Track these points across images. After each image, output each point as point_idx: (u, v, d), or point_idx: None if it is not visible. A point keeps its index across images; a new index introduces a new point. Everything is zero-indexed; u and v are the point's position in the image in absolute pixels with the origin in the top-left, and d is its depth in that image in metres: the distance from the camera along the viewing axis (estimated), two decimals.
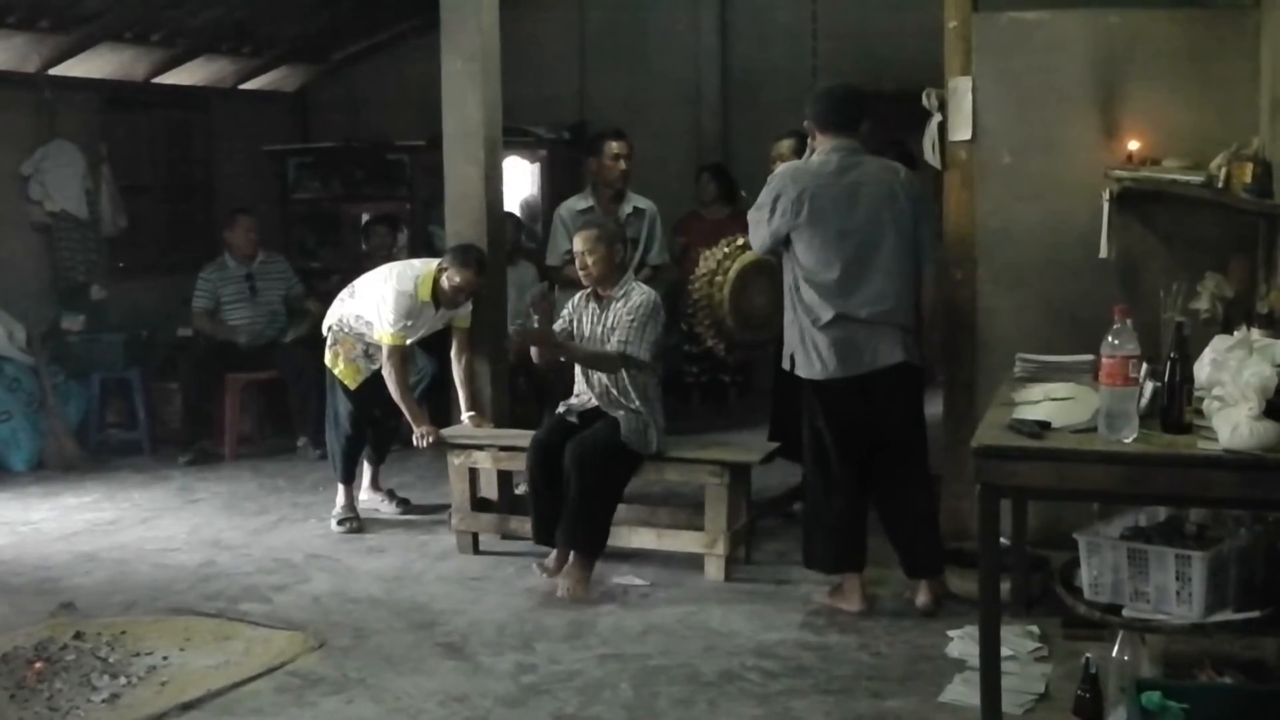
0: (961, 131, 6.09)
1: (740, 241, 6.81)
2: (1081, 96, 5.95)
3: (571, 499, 6.02)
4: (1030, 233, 6.05)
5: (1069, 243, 5.94)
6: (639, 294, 6.27)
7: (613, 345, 6.16)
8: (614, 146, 7.51)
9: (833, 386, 5.56)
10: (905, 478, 5.66)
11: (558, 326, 6.34)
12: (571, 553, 6.08)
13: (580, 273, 6.25)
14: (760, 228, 5.63)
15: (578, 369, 6.38)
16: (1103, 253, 5.68)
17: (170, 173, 10.97)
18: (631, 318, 6.16)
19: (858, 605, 5.72)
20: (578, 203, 7.63)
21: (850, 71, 10.23)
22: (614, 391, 6.24)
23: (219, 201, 11.02)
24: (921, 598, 5.72)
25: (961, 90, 6.05)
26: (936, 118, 6.27)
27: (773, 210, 5.54)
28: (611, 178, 7.52)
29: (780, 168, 5.70)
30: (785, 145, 7.14)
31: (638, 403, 6.21)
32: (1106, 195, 5.66)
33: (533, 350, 6.36)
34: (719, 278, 6.72)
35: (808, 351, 5.55)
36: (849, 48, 10.36)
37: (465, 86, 7.27)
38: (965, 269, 6.19)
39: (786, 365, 5.70)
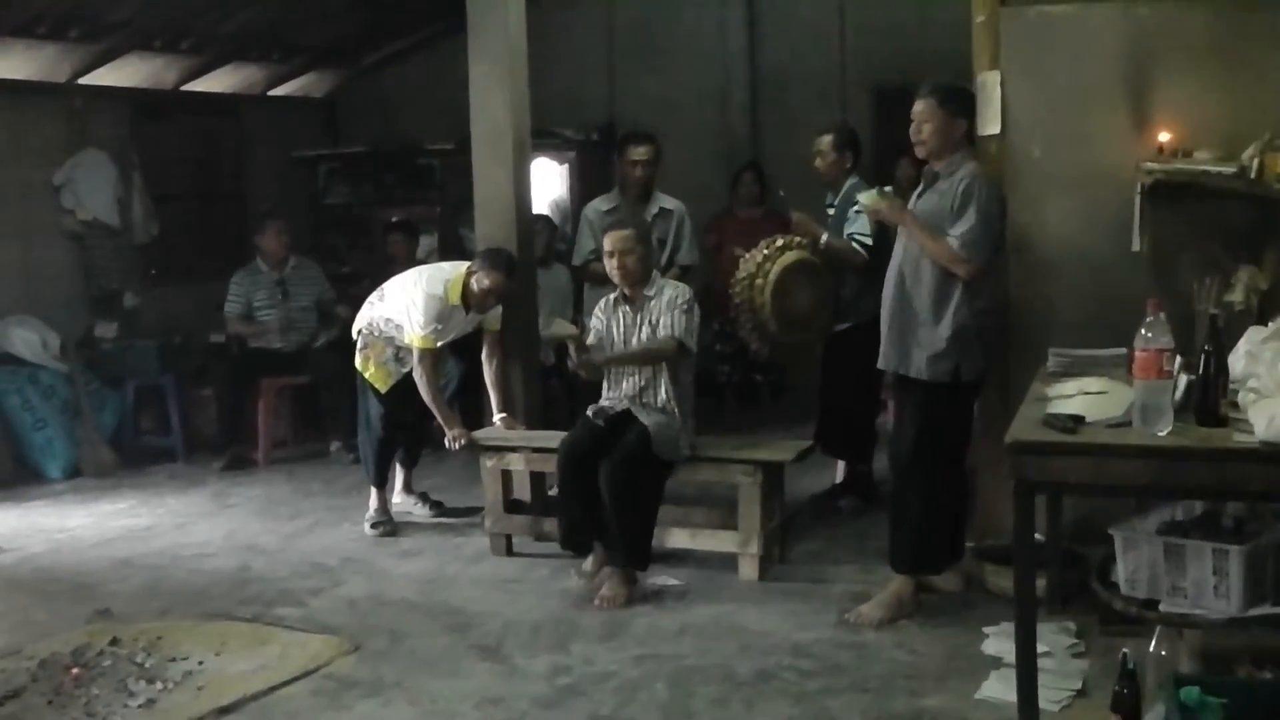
0: (991, 126, 6.05)
1: (780, 242, 6.79)
2: (1111, 89, 5.89)
3: (611, 521, 6.01)
4: (1061, 227, 6.00)
5: (1100, 236, 5.89)
6: (673, 288, 6.28)
7: (661, 335, 6.16)
8: (634, 152, 7.49)
9: (983, 383, 5.67)
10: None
11: (590, 339, 6.33)
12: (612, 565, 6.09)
13: (616, 273, 6.23)
14: (989, 238, 5.42)
15: (608, 371, 6.37)
16: (1135, 245, 5.64)
17: (201, 180, 11.02)
18: (673, 308, 6.16)
19: (960, 584, 5.84)
20: (603, 203, 7.63)
21: (879, 69, 10.28)
22: (648, 394, 6.23)
23: (250, 208, 11.06)
24: (955, 582, 5.84)
25: (990, 84, 6.01)
26: None
27: (997, 210, 5.47)
28: (630, 181, 7.52)
29: (978, 169, 5.53)
30: (826, 140, 7.11)
31: (673, 404, 6.20)
32: (1138, 188, 5.62)
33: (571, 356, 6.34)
34: (759, 280, 6.69)
35: (973, 355, 5.47)
36: (877, 45, 10.35)
37: (493, 89, 7.28)
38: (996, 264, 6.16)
39: (940, 376, 5.44)
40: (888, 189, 5.75)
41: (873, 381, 6.95)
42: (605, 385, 6.39)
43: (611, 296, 6.40)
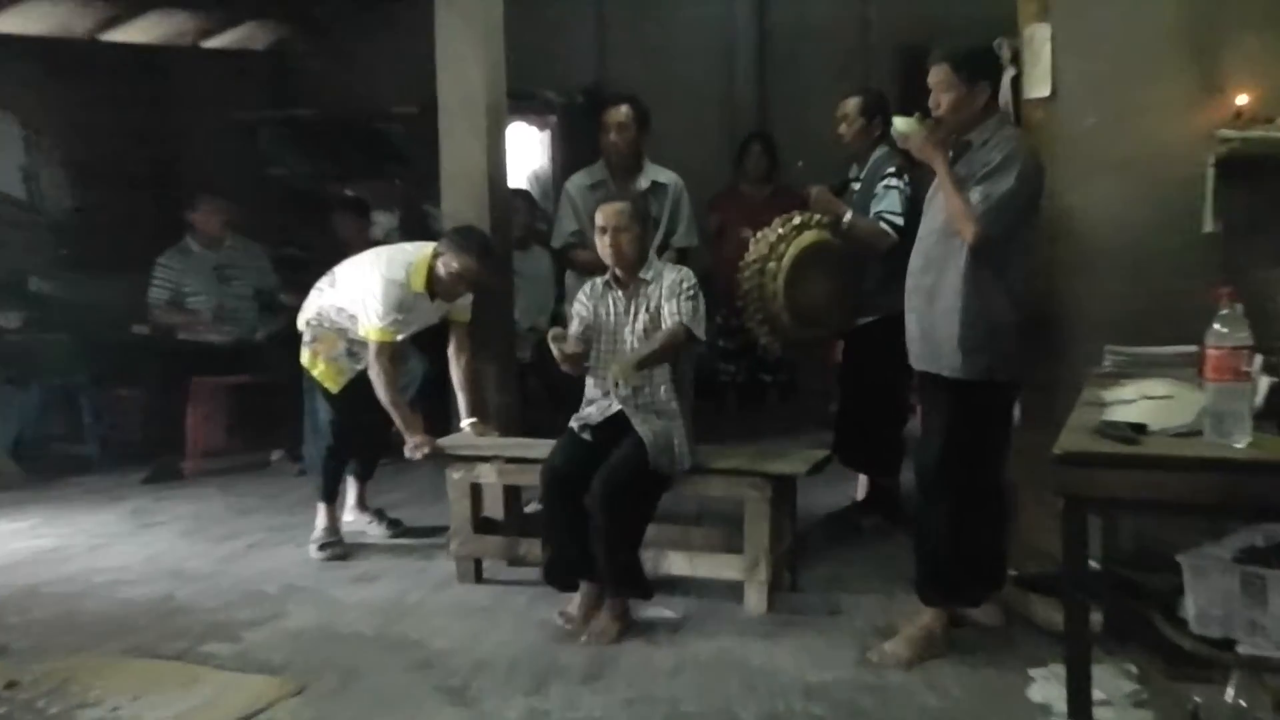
0: (1039, 88, 6.02)
1: (797, 221, 6.76)
2: (1178, 46, 5.86)
3: (606, 546, 5.96)
4: (1119, 206, 5.96)
5: (1164, 216, 5.85)
6: (674, 271, 6.27)
7: (667, 323, 6.12)
8: (611, 115, 7.46)
9: (1020, 385, 5.67)
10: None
11: (574, 329, 6.30)
12: (608, 597, 6.04)
13: (608, 253, 6.20)
14: (1014, 212, 5.33)
15: (597, 364, 6.33)
16: (1206, 226, 5.61)
17: (125, 146, 10.94)
18: (677, 292, 6.14)
19: (1000, 617, 5.81)
20: (586, 177, 7.60)
21: (904, 29, 10.28)
22: (643, 393, 6.20)
23: (183, 179, 10.99)
24: (995, 616, 5.82)
25: (1039, 39, 5.98)
26: (1010, 71, 6.21)
27: (1033, 186, 5.42)
28: (610, 150, 7.47)
29: (1019, 135, 5.53)
30: (852, 104, 7.12)
31: (674, 404, 6.18)
32: (1210, 160, 5.59)
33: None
34: (772, 264, 6.67)
35: (1011, 352, 5.45)
36: (901, 2, 10.33)
37: (464, 47, 7.25)
38: (1041, 249, 6.12)
39: (972, 374, 5.41)
40: (930, 119, 5.65)
41: (899, 383, 6.93)
42: (591, 382, 6.36)
43: (600, 280, 6.36)
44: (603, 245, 6.21)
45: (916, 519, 5.80)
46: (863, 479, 7.51)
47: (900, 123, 5.60)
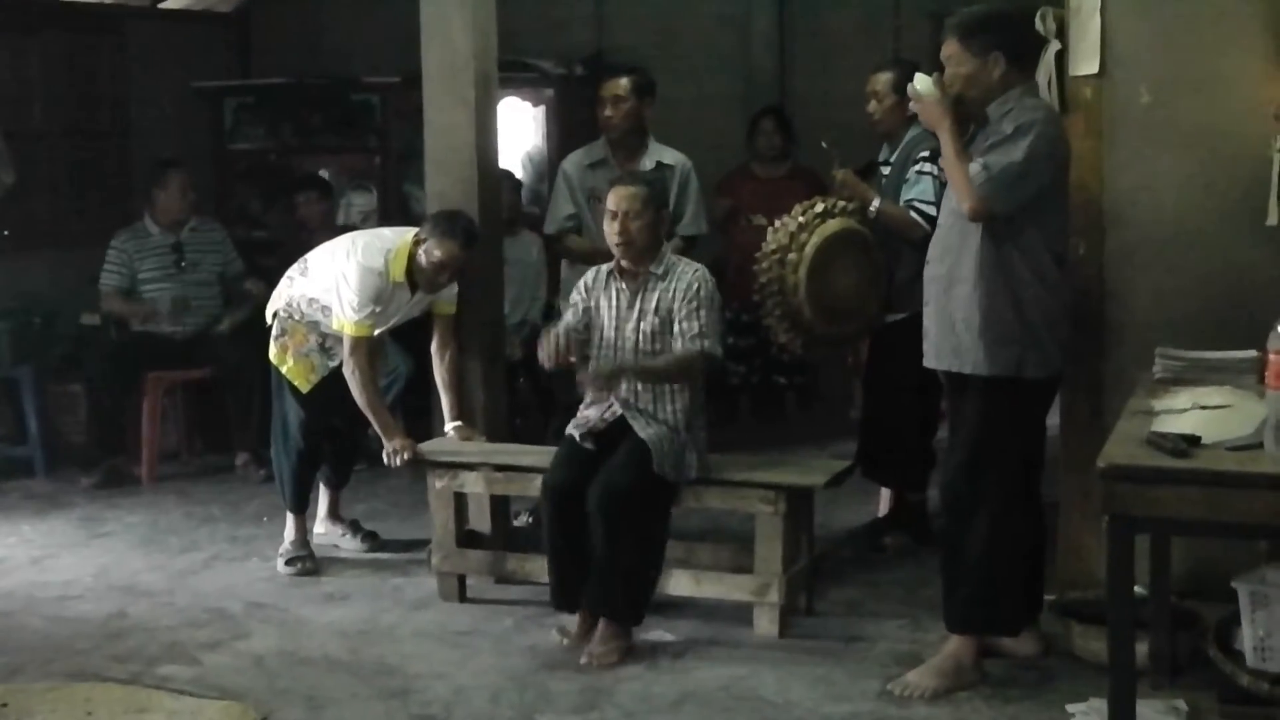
0: (1087, 63, 6.04)
1: (820, 207, 6.75)
2: (1245, 16, 5.88)
3: (601, 559, 5.98)
4: (1175, 193, 5.99)
5: (1226, 206, 5.88)
6: (689, 270, 6.23)
7: (681, 341, 6.11)
8: (608, 88, 7.49)
9: (1056, 385, 5.65)
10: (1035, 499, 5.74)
11: (569, 319, 6.30)
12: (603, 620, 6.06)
13: (616, 239, 6.19)
14: (1023, 188, 5.30)
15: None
16: (1271, 219, 5.63)
17: (72, 115, 10.90)
18: (695, 303, 6.11)
19: (1037, 647, 5.79)
20: (585, 156, 7.60)
21: None
22: (645, 398, 6.20)
23: (135, 152, 10.95)
24: (1030, 645, 5.79)
25: (1088, 8, 6.00)
26: (1054, 45, 6.22)
27: (1049, 157, 5.37)
28: (607, 128, 7.49)
29: (1042, 105, 5.58)
30: (884, 80, 7.12)
31: (679, 415, 6.17)
32: (1278, 144, 5.60)
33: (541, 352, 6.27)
34: (793, 255, 6.65)
35: (1043, 345, 5.42)
36: None
37: (450, 9, 7.22)
38: (1090, 240, 6.14)
39: (999, 369, 5.40)
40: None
41: (929, 387, 6.92)
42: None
43: (605, 268, 6.35)
44: (610, 231, 6.19)
45: (944, 537, 5.81)
46: (887, 493, 7.49)
47: (919, 80, 5.54)
